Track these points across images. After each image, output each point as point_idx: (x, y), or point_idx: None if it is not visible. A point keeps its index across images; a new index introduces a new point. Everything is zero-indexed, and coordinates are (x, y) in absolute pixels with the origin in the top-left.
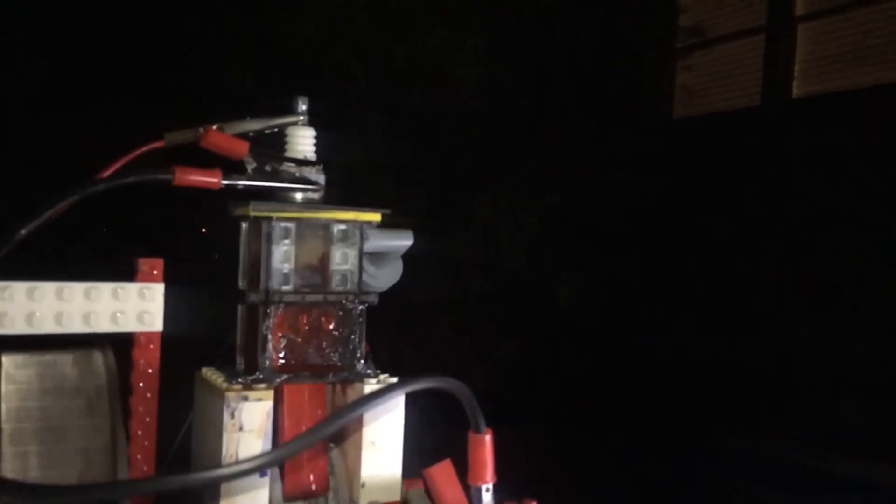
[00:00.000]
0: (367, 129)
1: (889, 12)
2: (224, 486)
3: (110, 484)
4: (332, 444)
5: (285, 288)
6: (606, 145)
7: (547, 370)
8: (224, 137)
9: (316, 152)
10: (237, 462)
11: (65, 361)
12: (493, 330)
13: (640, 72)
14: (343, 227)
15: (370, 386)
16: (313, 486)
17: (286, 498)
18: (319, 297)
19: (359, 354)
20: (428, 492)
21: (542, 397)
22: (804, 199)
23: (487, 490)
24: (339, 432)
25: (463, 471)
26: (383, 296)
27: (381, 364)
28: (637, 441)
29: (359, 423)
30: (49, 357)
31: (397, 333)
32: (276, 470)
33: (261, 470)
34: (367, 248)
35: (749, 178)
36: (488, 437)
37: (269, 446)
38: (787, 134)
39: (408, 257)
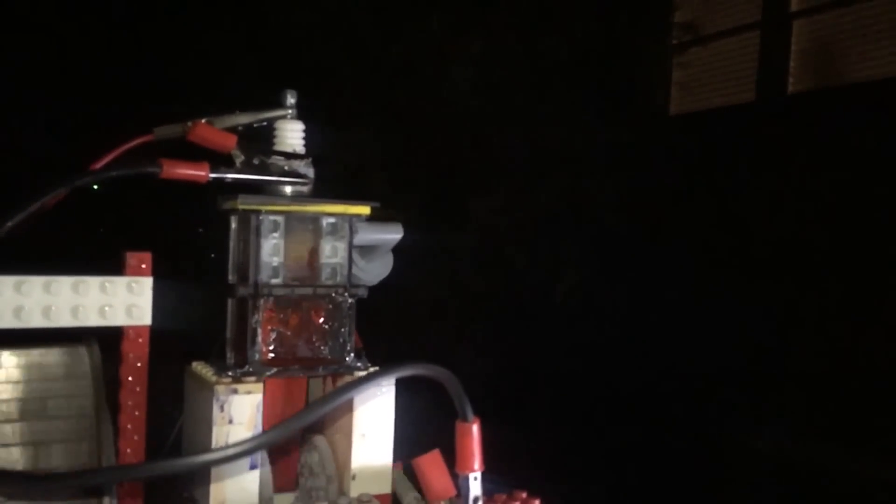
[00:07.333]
0: (362, 126)
1: (883, 7)
2: (213, 477)
3: (97, 470)
4: (321, 436)
5: (274, 281)
6: (603, 142)
7: (544, 367)
8: (212, 130)
9: (305, 146)
10: (224, 447)
11: (49, 356)
12: (491, 327)
13: (636, 68)
14: (332, 220)
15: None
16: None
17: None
18: (309, 291)
19: (348, 348)
20: (408, 475)
21: (539, 394)
22: (800, 195)
23: (475, 478)
24: (329, 425)
25: (452, 460)
26: (381, 294)
27: (378, 362)
28: (636, 436)
29: (349, 415)
30: (33, 352)
31: (394, 332)
32: (267, 463)
33: (249, 454)
34: (357, 242)
35: (745, 173)
36: (475, 426)
37: None
38: (783, 129)
39: (406, 255)
